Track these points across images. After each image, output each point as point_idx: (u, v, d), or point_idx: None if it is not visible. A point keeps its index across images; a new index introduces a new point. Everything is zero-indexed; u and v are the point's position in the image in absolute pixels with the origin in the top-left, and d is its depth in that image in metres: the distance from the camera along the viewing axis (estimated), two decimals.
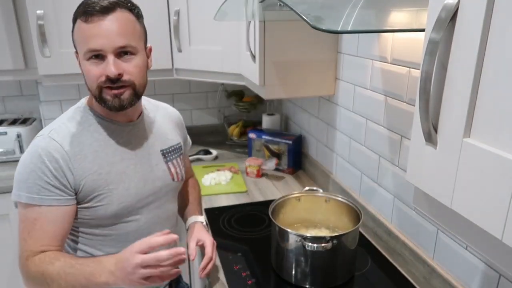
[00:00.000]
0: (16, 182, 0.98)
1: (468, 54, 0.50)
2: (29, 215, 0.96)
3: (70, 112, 1.05)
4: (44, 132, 1.00)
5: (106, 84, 0.95)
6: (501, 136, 0.47)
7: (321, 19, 0.82)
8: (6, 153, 2.14)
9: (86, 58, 0.95)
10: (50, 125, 1.03)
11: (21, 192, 0.96)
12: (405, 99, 1.20)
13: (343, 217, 1.30)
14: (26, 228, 0.97)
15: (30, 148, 0.98)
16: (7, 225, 1.92)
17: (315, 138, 1.88)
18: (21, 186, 0.96)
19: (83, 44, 0.94)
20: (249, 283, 1.19)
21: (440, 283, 1.10)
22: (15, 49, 1.92)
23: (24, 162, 0.97)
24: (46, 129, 1.01)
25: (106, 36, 0.92)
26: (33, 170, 0.95)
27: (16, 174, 0.98)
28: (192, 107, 2.51)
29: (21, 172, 0.97)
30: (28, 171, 0.95)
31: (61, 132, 0.99)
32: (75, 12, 0.95)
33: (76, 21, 0.95)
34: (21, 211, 0.98)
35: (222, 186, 1.85)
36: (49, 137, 0.98)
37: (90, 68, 0.95)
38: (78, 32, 0.95)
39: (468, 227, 0.54)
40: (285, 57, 1.54)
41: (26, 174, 0.95)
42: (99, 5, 0.91)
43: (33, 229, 0.96)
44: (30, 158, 0.96)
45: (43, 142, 0.97)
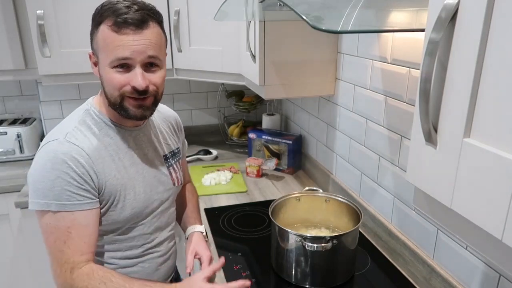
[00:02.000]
0: (36, 190, 0.91)
1: (468, 54, 0.50)
2: (60, 224, 0.92)
3: (79, 115, 1.01)
4: (58, 136, 0.94)
5: (132, 94, 0.95)
6: (501, 136, 0.47)
7: (321, 19, 0.82)
8: (6, 153, 2.14)
9: (110, 66, 0.93)
10: (61, 129, 0.97)
11: (48, 200, 0.90)
12: (405, 99, 1.20)
13: (343, 217, 1.30)
14: (60, 238, 0.92)
15: (46, 154, 0.92)
16: (7, 225, 1.92)
17: (315, 138, 1.88)
18: (46, 194, 0.90)
19: (109, 52, 0.92)
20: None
21: (440, 283, 1.10)
22: (15, 49, 1.92)
23: (44, 168, 0.90)
24: (59, 133, 0.95)
25: (137, 49, 0.91)
26: (58, 176, 0.89)
27: (34, 183, 0.91)
28: (192, 107, 2.51)
29: (42, 180, 0.90)
30: (52, 178, 0.89)
31: (78, 136, 0.95)
32: (98, 15, 0.93)
33: (100, 25, 0.92)
34: (48, 221, 0.92)
35: (222, 186, 1.85)
36: (67, 141, 0.93)
37: (114, 76, 0.93)
38: (104, 39, 0.92)
39: (468, 227, 0.54)
40: (285, 57, 1.54)
41: (50, 181, 0.89)
42: (133, 17, 0.90)
43: (69, 238, 0.92)
44: (51, 164, 0.90)
45: (63, 146, 0.92)
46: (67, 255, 0.92)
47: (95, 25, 0.94)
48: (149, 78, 0.95)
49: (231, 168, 2.00)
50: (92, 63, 0.99)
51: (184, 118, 2.50)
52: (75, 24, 1.86)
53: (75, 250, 0.92)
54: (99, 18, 0.93)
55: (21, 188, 1.86)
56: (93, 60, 0.99)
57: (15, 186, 1.88)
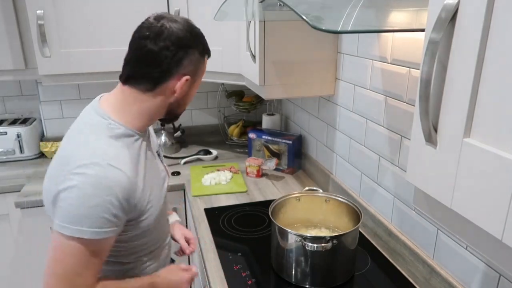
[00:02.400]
0: (70, 215, 0.88)
1: (468, 54, 0.50)
2: (88, 248, 0.89)
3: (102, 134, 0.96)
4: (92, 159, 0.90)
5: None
6: (501, 136, 0.47)
7: (321, 19, 0.82)
8: (6, 153, 2.14)
9: (197, 87, 1.08)
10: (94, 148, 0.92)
11: (82, 227, 0.87)
12: (405, 99, 1.20)
13: (343, 217, 1.30)
14: (82, 262, 0.90)
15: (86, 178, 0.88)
16: (7, 225, 1.92)
17: (315, 138, 1.88)
18: (82, 221, 0.87)
19: (201, 76, 1.08)
20: (249, 283, 1.19)
21: (440, 283, 1.10)
22: (15, 49, 1.92)
23: (85, 194, 0.87)
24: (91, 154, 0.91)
25: None
26: (98, 204, 0.87)
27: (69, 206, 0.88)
28: (192, 107, 2.51)
29: (80, 206, 0.87)
30: (92, 205, 0.87)
31: (114, 156, 0.92)
32: (205, 47, 1.05)
33: (205, 55, 1.06)
34: (75, 245, 0.88)
35: (222, 186, 1.85)
36: (107, 165, 0.90)
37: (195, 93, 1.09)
38: (203, 66, 1.06)
39: (468, 227, 0.54)
40: (285, 57, 1.54)
41: (90, 208, 0.87)
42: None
43: (91, 262, 0.91)
44: (92, 190, 0.87)
45: (108, 172, 0.89)
46: (83, 279, 0.91)
47: (200, 55, 1.03)
48: None
49: (231, 168, 2.00)
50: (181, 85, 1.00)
51: (184, 118, 2.50)
52: (75, 24, 1.86)
53: (93, 274, 0.92)
54: (204, 49, 1.05)
55: (21, 188, 1.86)
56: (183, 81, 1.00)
57: (15, 186, 1.88)
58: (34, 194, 1.81)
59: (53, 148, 2.22)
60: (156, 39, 0.95)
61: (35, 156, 2.22)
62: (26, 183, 1.90)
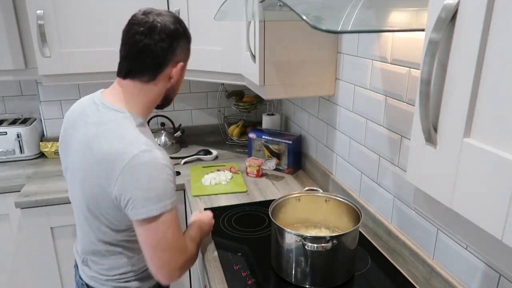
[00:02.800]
0: (150, 198, 1.00)
1: (468, 54, 0.50)
2: (173, 217, 1.05)
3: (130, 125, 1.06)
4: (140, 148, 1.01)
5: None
6: (501, 136, 0.47)
7: (321, 19, 0.82)
8: (6, 153, 2.14)
9: (185, 72, 1.18)
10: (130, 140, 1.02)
11: (164, 203, 1.02)
12: (405, 99, 1.20)
13: (343, 217, 1.30)
14: (177, 228, 1.06)
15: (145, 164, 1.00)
16: (7, 225, 1.92)
17: (315, 138, 1.88)
18: (161, 198, 1.01)
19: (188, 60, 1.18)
20: (249, 283, 1.19)
21: (440, 283, 1.10)
22: (15, 49, 1.92)
23: (153, 176, 1.00)
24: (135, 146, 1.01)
25: None
26: (165, 180, 1.02)
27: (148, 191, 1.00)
28: (192, 107, 2.51)
29: (156, 187, 1.01)
30: (163, 182, 1.02)
31: (149, 141, 1.04)
32: (189, 34, 1.16)
33: (190, 43, 1.17)
34: (167, 219, 1.03)
35: (222, 186, 1.85)
36: (154, 149, 1.03)
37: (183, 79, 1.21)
38: (189, 52, 1.18)
39: (468, 227, 0.54)
40: (285, 57, 1.54)
41: (163, 186, 1.02)
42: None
43: (178, 226, 1.07)
44: (158, 173, 1.01)
45: (155, 154, 1.02)
46: (182, 240, 1.10)
47: (187, 41, 1.15)
48: None
49: (231, 168, 2.00)
50: (179, 71, 1.14)
51: (184, 118, 2.50)
52: (75, 24, 1.86)
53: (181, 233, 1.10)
54: (189, 36, 1.17)
55: (21, 188, 1.86)
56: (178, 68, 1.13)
57: (15, 186, 1.88)
58: (34, 194, 1.81)
59: (53, 148, 2.22)
60: (151, 33, 1.05)
61: (35, 156, 2.22)
62: (26, 183, 1.90)
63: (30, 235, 1.84)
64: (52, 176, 1.99)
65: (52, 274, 1.92)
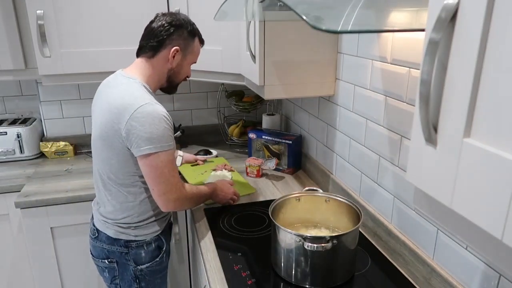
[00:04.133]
0: (152, 139, 1.25)
1: (468, 54, 0.50)
2: (170, 158, 1.30)
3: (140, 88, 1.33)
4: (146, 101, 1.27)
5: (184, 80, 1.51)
6: (501, 136, 0.47)
7: (321, 19, 0.82)
8: (6, 153, 2.14)
9: (190, 64, 1.47)
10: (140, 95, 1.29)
11: (163, 144, 1.27)
12: (405, 99, 1.20)
13: (343, 217, 1.30)
14: (172, 167, 1.32)
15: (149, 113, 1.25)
16: (7, 225, 1.92)
17: (315, 138, 1.88)
18: (161, 140, 1.26)
19: (194, 56, 1.47)
20: (249, 283, 1.19)
21: (440, 283, 1.10)
22: (15, 49, 1.92)
23: (154, 123, 1.25)
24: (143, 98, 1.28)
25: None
26: (165, 127, 1.27)
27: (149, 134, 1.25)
28: (192, 107, 2.51)
29: (156, 132, 1.25)
30: (162, 129, 1.26)
31: (153, 99, 1.31)
32: (193, 29, 1.42)
33: (195, 37, 1.44)
34: (164, 158, 1.28)
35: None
36: (155, 103, 1.29)
37: (188, 70, 1.48)
38: (196, 48, 1.46)
39: (468, 227, 0.54)
40: (285, 57, 1.54)
41: (161, 131, 1.26)
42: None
43: (174, 166, 1.34)
44: (157, 121, 1.26)
45: (157, 107, 1.28)
46: (177, 178, 1.35)
47: (190, 36, 1.42)
48: None
49: (225, 166, 1.98)
50: (172, 55, 1.38)
51: (184, 118, 2.50)
52: (75, 24, 1.86)
53: (177, 174, 1.36)
54: (192, 32, 1.42)
55: (21, 188, 1.86)
56: (174, 53, 1.38)
57: (15, 186, 1.88)
58: (34, 194, 1.81)
59: (53, 148, 2.22)
60: (157, 21, 1.38)
61: (35, 156, 2.22)
62: (26, 183, 1.90)
63: (30, 235, 1.84)
64: (52, 176, 1.99)
65: (52, 274, 1.92)
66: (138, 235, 1.41)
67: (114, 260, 1.44)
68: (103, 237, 1.42)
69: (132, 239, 1.41)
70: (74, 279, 1.96)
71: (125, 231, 1.40)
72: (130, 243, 1.41)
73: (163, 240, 1.48)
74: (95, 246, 1.46)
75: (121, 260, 1.43)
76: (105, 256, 1.44)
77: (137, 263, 1.43)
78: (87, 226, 1.55)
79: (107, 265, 1.45)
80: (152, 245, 1.45)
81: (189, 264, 2.04)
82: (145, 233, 1.42)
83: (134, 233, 1.41)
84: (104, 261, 1.45)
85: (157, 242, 1.46)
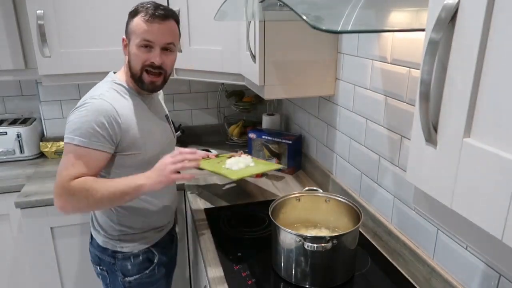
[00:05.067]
0: (69, 129, 1.18)
1: (468, 54, 0.50)
2: (77, 152, 1.17)
3: (106, 85, 1.27)
4: (94, 96, 1.21)
5: (148, 68, 1.25)
6: (501, 136, 0.47)
7: (321, 19, 0.82)
8: (6, 153, 2.14)
9: (138, 45, 1.23)
10: (95, 92, 1.24)
11: (74, 136, 1.17)
12: (405, 99, 1.20)
13: (343, 217, 1.30)
14: (71, 161, 1.17)
15: (84, 106, 1.19)
16: (7, 225, 1.92)
17: (315, 138, 1.88)
18: (75, 132, 1.17)
19: (139, 35, 1.23)
20: (249, 283, 1.19)
21: (440, 283, 1.10)
22: (15, 49, 1.91)
23: (80, 114, 1.18)
24: (94, 95, 1.22)
25: (159, 34, 1.23)
26: (87, 120, 1.16)
27: (70, 124, 1.18)
28: (192, 107, 2.51)
29: (75, 122, 1.18)
30: (82, 121, 1.17)
31: (109, 96, 1.23)
32: (134, 11, 1.25)
33: (134, 17, 1.24)
34: (69, 149, 1.18)
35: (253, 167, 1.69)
36: (101, 99, 1.20)
37: (139, 53, 1.24)
38: (137, 26, 1.23)
39: (468, 227, 0.54)
40: (285, 57, 1.54)
41: (80, 123, 1.17)
42: (159, 13, 1.23)
43: (77, 162, 1.17)
44: (85, 112, 1.18)
45: (98, 102, 1.19)
46: (69, 172, 1.17)
47: (130, 17, 1.26)
48: (164, 59, 1.26)
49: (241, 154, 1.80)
50: (123, 46, 1.30)
51: (184, 118, 2.50)
52: (75, 24, 1.86)
53: (77, 170, 1.17)
54: (134, 13, 1.25)
55: (21, 188, 1.86)
56: (124, 43, 1.29)
57: (15, 186, 1.88)
58: (34, 194, 1.81)
59: (53, 148, 2.22)
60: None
61: (35, 156, 2.22)
62: (26, 183, 1.90)
63: (30, 235, 1.84)
64: (52, 176, 1.98)
65: (52, 274, 1.92)
66: (124, 246, 1.35)
67: (104, 268, 1.40)
68: (95, 243, 1.39)
69: (118, 250, 1.35)
70: (74, 279, 1.96)
71: (110, 241, 1.35)
72: (116, 253, 1.35)
73: (154, 253, 1.40)
74: (91, 251, 1.44)
75: (110, 269, 1.38)
76: (97, 263, 1.41)
77: (124, 274, 1.37)
78: (87, 226, 1.55)
79: (99, 272, 1.43)
80: (139, 257, 1.37)
81: (189, 264, 2.04)
82: (131, 245, 1.35)
83: (119, 244, 1.35)
84: (97, 267, 1.43)
85: (147, 254, 1.38)
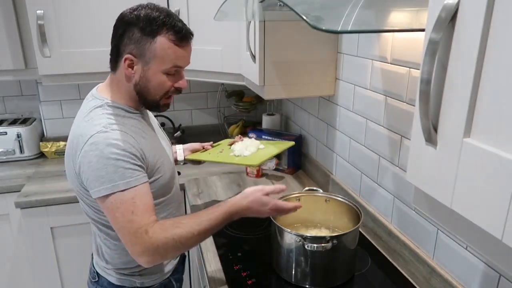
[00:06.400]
0: (100, 178, 0.99)
1: (468, 54, 0.50)
2: (125, 198, 1.00)
3: (102, 112, 1.07)
4: (98, 129, 1.01)
5: (173, 93, 1.12)
6: (501, 136, 0.47)
7: (321, 19, 0.82)
8: (6, 153, 2.14)
9: (164, 72, 1.06)
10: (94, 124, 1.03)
11: (114, 183, 0.99)
12: (405, 99, 1.20)
13: (343, 217, 1.30)
14: (128, 210, 1.00)
15: (97, 145, 0.99)
16: (7, 225, 1.92)
17: (315, 138, 1.88)
18: (112, 178, 0.99)
19: (168, 61, 1.05)
20: (249, 283, 1.19)
21: (440, 283, 1.10)
22: (15, 49, 1.92)
23: (101, 156, 0.98)
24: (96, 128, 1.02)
25: (189, 56, 1.10)
26: (117, 159, 0.99)
27: (96, 171, 0.99)
28: (192, 107, 2.51)
29: (104, 167, 0.98)
30: (112, 162, 0.99)
31: (113, 123, 1.04)
32: (157, 28, 1.02)
33: (156, 36, 1.02)
34: (115, 200, 0.99)
35: (264, 150, 1.59)
36: (111, 129, 1.02)
37: (166, 80, 1.08)
38: (164, 49, 1.03)
39: (468, 227, 0.54)
40: (285, 57, 1.54)
41: (112, 166, 0.98)
42: (188, 31, 1.07)
43: (135, 207, 1.00)
44: (106, 152, 0.98)
45: (109, 134, 1.01)
46: (138, 222, 0.99)
47: (149, 34, 1.03)
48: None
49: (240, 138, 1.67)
50: (126, 65, 1.05)
51: (184, 118, 2.50)
52: (75, 24, 1.86)
53: (143, 215, 1.00)
54: (155, 29, 1.02)
55: (21, 188, 1.86)
56: (130, 63, 1.05)
57: (15, 186, 1.88)
58: (34, 194, 1.81)
59: (53, 148, 2.22)
60: (120, 15, 1.08)
61: (35, 156, 2.22)
62: (26, 183, 1.90)
63: (30, 235, 1.84)
64: (52, 176, 1.99)
65: (52, 274, 1.92)
66: (145, 281, 1.21)
67: None
68: (104, 282, 1.22)
69: (137, 286, 1.21)
70: (74, 279, 1.96)
71: (128, 278, 1.20)
72: None
73: (173, 282, 1.30)
74: None
75: None
76: None
77: None
78: (87, 226, 1.54)
79: None
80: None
81: (189, 264, 2.04)
82: (151, 279, 1.22)
83: (139, 279, 1.21)
84: None
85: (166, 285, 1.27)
